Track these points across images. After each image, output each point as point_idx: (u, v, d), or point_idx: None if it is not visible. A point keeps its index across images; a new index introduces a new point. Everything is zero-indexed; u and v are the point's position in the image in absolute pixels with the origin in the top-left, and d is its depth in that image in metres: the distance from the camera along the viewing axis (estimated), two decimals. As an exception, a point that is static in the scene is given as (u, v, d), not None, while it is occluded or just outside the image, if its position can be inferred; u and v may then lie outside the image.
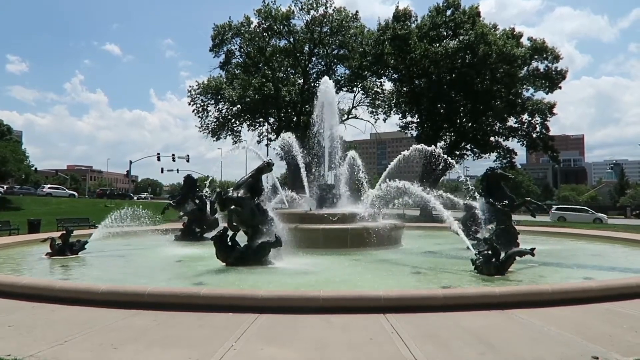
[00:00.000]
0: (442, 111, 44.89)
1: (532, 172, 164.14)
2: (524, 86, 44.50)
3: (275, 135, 50.73)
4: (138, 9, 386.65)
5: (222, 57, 50.05)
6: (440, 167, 40.52)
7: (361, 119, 51.86)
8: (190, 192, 19.27)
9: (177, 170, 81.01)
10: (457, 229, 13.97)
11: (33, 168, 74.05)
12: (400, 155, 17.56)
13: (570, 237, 20.54)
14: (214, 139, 51.03)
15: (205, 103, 50.04)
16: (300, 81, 49.55)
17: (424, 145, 17.52)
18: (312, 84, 47.45)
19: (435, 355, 5.11)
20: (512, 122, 46.03)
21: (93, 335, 5.75)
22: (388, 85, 49.70)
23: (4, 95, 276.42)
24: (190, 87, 50.66)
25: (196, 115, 50.08)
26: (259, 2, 47.91)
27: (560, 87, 44.08)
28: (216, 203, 12.77)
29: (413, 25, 44.15)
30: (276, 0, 48.18)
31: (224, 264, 11.42)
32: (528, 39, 43.97)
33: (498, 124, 45.99)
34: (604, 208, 67.53)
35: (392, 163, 17.67)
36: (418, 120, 47.30)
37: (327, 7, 47.35)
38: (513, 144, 47.98)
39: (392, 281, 10.00)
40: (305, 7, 47.39)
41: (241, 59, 50.91)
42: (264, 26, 48.24)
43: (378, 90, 50.03)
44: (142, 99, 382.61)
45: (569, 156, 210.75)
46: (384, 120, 51.28)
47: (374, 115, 50.59)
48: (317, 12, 47.39)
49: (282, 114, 50.44)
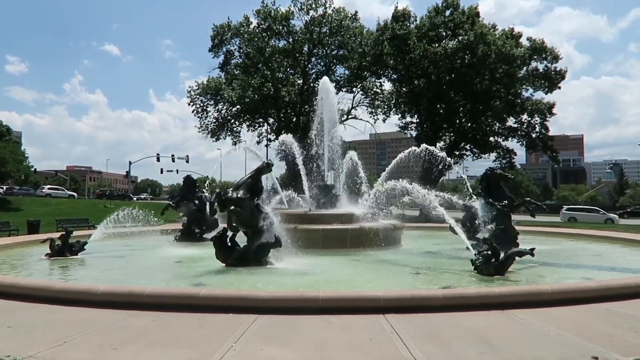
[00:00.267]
0: (442, 111, 44.90)
1: (532, 172, 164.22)
2: (524, 86, 44.53)
3: (274, 136, 50.78)
4: (137, 9, 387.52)
5: (222, 57, 50.16)
6: (440, 168, 40.50)
7: (360, 119, 51.98)
8: (189, 192, 19.26)
9: (177, 170, 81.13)
10: (457, 228, 13.97)
11: (32, 169, 74.00)
12: (398, 157, 17.54)
13: (569, 237, 20.55)
14: (214, 139, 51.14)
15: (204, 103, 50.10)
16: (300, 81, 49.58)
17: (425, 146, 17.48)
18: (312, 84, 47.47)
19: (436, 356, 5.11)
20: (511, 122, 46.10)
21: (92, 336, 5.74)
22: (387, 86, 49.83)
23: (4, 96, 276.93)
24: (189, 87, 50.79)
25: (196, 115, 50.19)
26: (258, 3, 47.97)
27: (559, 87, 44.14)
28: (216, 204, 12.77)
29: (412, 26, 44.17)
30: (275, 0, 48.33)
31: (224, 264, 11.41)
32: (527, 39, 44.05)
33: (497, 124, 46.03)
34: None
35: (392, 164, 17.65)
36: (417, 120, 47.31)
37: (326, 8, 47.43)
38: (512, 144, 48.04)
39: (392, 281, 9.99)
40: (304, 7, 47.46)
41: (240, 60, 50.95)
42: (263, 26, 48.28)
43: (377, 90, 50.07)
44: (141, 99, 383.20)
45: (569, 156, 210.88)
46: (384, 120, 51.41)
47: (374, 116, 50.68)
48: (317, 13, 47.47)
49: (282, 115, 50.46)
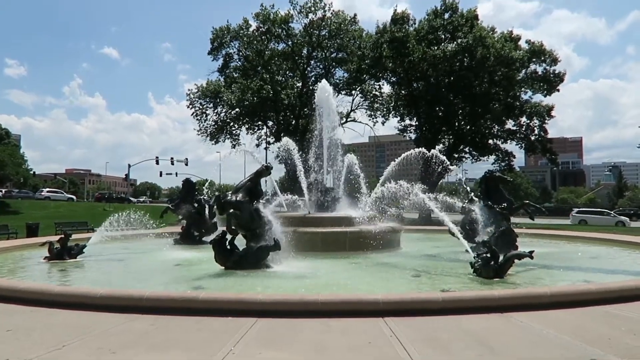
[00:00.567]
0: (441, 114, 44.97)
1: (531, 174, 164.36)
2: (522, 89, 44.63)
3: (274, 139, 50.81)
4: (136, 12, 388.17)
5: (221, 60, 50.17)
6: (439, 170, 40.52)
7: (360, 122, 52.00)
8: (188, 195, 19.26)
9: (176, 173, 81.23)
10: (455, 231, 13.95)
11: (31, 172, 73.93)
12: (397, 160, 17.53)
13: (569, 239, 20.55)
14: (213, 142, 51.14)
15: (204, 106, 50.13)
16: (299, 84, 49.62)
17: (424, 150, 17.50)
18: (311, 87, 47.45)
19: (435, 359, 5.11)
20: (510, 124, 46.20)
21: (91, 340, 5.73)
22: (386, 88, 49.88)
23: (2, 99, 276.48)
24: (189, 90, 50.79)
25: (195, 118, 50.18)
26: (258, 6, 48.04)
27: (558, 90, 44.23)
28: (215, 207, 12.77)
29: (411, 29, 44.24)
30: (274, 4, 48.43)
31: (223, 267, 11.41)
32: (526, 41, 44.13)
33: (496, 127, 46.09)
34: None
35: (390, 167, 17.63)
36: (416, 123, 47.38)
37: (325, 11, 47.50)
38: (511, 146, 48.18)
39: (391, 284, 9.98)
40: (303, 10, 47.51)
41: (240, 63, 50.95)
42: (262, 30, 48.32)
43: (376, 93, 50.11)
44: (140, 102, 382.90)
45: (568, 158, 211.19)
46: (383, 123, 51.48)
47: (373, 119, 50.73)
48: (316, 16, 47.52)
49: (281, 117, 50.48)
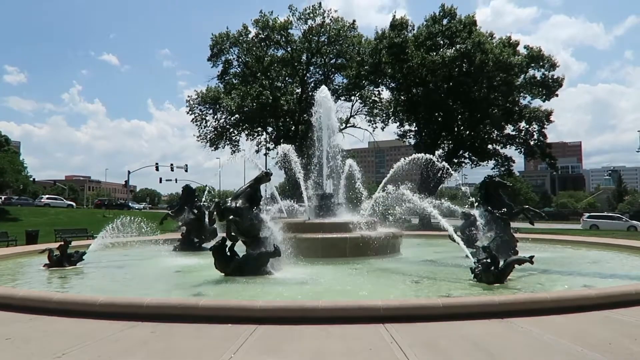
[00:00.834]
0: (440, 119, 44.98)
1: (530, 179, 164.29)
2: (521, 94, 44.63)
3: (273, 145, 50.83)
4: (135, 18, 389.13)
5: (220, 66, 50.26)
6: (439, 175, 40.53)
7: (359, 127, 52.02)
8: (188, 202, 19.25)
9: (176, 179, 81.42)
10: (455, 237, 13.96)
11: (31, 179, 73.87)
12: (396, 165, 17.54)
13: (569, 244, 20.55)
14: (213, 148, 51.12)
15: (203, 112, 50.17)
16: (298, 90, 49.68)
17: (423, 155, 17.51)
18: (310, 93, 47.51)
19: (435, 365, 5.10)
20: (509, 129, 46.15)
21: (91, 348, 5.72)
22: (386, 94, 49.86)
23: (2, 106, 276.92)
24: (188, 96, 50.93)
25: (194, 123, 50.22)
26: (257, 13, 48.26)
27: (557, 95, 44.23)
28: (215, 213, 12.76)
29: (410, 35, 44.36)
30: (273, 10, 48.61)
31: (223, 274, 11.39)
32: (524, 47, 44.18)
33: (495, 132, 46.08)
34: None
35: (391, 172, 17.64)
36: (416, 128, 47.39)
37: (324, 17, 47.63)
38: (511, 151, 48.10)
39: (391, 290, 9.97)
40: (302, 17, 47.70)
41: (239, 69, 51.08)
42: (261, 36, 48.44)
43: (376, 99, 50.14)
44: (140, 108, 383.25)
45: (567, 163, 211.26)
46: (382, 128, 51.45)
47: (372, 124, 50.72)
48: (315, 22, 47.66)
49: (280, 123, 50.54)
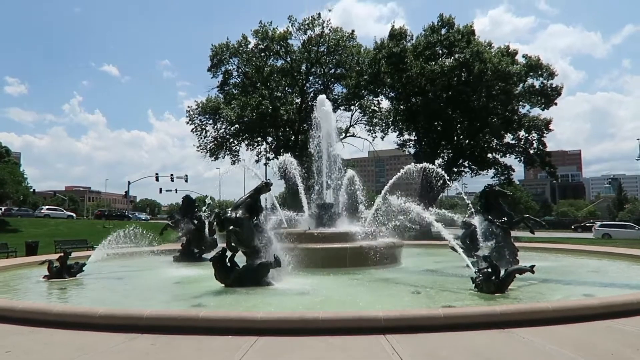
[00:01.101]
0: (439, 128, 45.10)
1: (531, 187, 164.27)
2: (520, 103, 44.79)
3: (273, 155, 50.91)
4: (136, 30, 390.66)
5: (220, 77, 50.49)
6: (439, 184, 40.52)
7: (359, 137, 52.12)
8: (188, 212, 19.22)
9: (176, 190, 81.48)
10: (456, 246, 13.93)
11: (31, 189, 73.92)
12: (396, 176, 17.55)
13: (570, 253, 20.49)
14: (213, 158, 51.19)
15: (203, 123, 50.29)
16: (298, 100, 49.85)
17: (423, 165, 17.52)
18: (310, 102, 47.69)
19: (437, 377, 5.07)
20: (509, 138, 46.29)
21: (91, 360, 5.68)
22: (385, 104, 50.05)
23: (3, 117, 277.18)
24: (188, 107, 51.01)
25: (194, 133, 50.30)
26: (256, 23, 48.52)
27: (555, 104, 44.40)
28: (215, 223, 12.74)
29: (408, 44, 44.60)
30: (273, 21, 48.89)
31: (223, 285, 11.35)
32: (523, 56, 44.39)
33: (495, 141, 46.19)
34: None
35: (391, 181, 17.64)
36: (415, 137, 47.54)
37: (323, 28, 47.93)
38: (510, 160, 48.17)
39: (392, 300, 9.93)
40: (302, 27, 47.98)
41: (239, 79, 51.30)
42: (261, 46, 48.74)
43: (375, 108, 50.29)
44: (140, 119, 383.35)
45: (567, 171, 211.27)
46: (382, 138, 51.62)
47: (372, 134, 50.83)
48: (314, 32, 47.94)
49: (280, 133, 50.65)
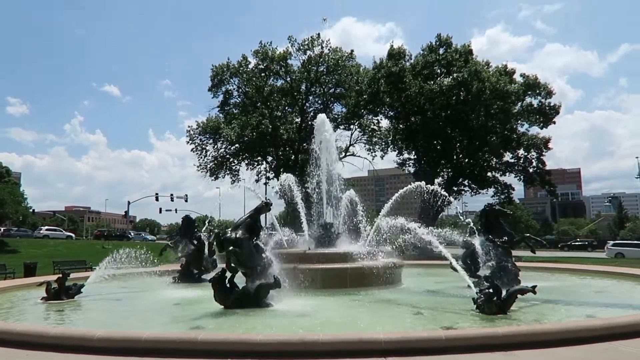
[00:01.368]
0: (439, 147, 45.26)
1: (531, 206, 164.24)
2: (519, 121, 45.01)
3: (273, 174, 50.98)
4: (137, 50, 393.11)
5: (221, 96, 50.80)
6: (439, 204, 40.48)
7: (359, 156, 52.26)
8: (188, 232, 19.15)
9: (176, 210, 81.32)
10: (457, 266, 13.84)
11: (31, 210, 73.87)
12: (396, 195, 17.52)
13: (572, 273, 20.37)
14: (213, 178, 51.21)
15: (203, 142, 50.46)
16: (298, 119, 50.13)
17: (421, 183, 17.49)
18: (310, 122, 47.91)
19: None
20: (508, 157, 46.40)
21: (88, 385, 5.62)
22: (384, 123, 50.25)
23: (4, 137, 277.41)
24: (189, 127, 51.28)
25: (195, 153, 50.43)
26: (256, 43, 49.05)
27: (554, 122, 44.61)
28: (214, 244, 12.69)
29: (407, 64, 45.04)
30: (272, 41, 49.45)
31: (223, 306, 11.26)
32: (521, 75, 44.77)
33: (494, 160, 46.30)
34: (605, 242, 66.70)
35: (391, 201, 17.58)
36: (415, 156, 47.67)
37: (323, 48, 48.41)
38: (510, 178, 48.16)
39: (393, 322, 9.85)
40: (301, 48, 48.47)
41: (239, 99, 51.65)
42: (261, 66, 49.18)
43: (375, 127, 50.47)
44: (140, 139, 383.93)
45: (567, 190, 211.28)
46: (382, 157, 51.67)
47: (372, 153, 50.91)
48: (314, 52, 48.42)
49: (280, 153, 50.80)
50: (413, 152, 47.60)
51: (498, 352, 6.79)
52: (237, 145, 48.45)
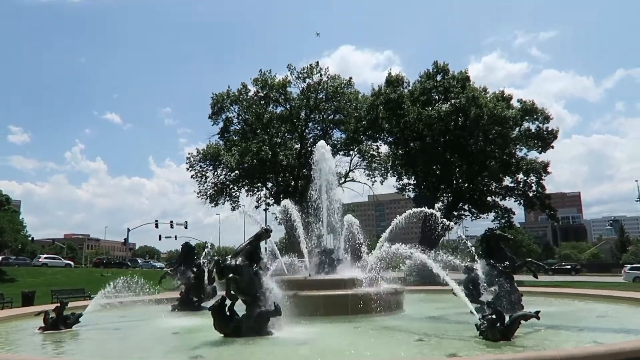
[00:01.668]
0: (438, 172, 45.39)
1: (532, 230, 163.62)
2: (517, 146, 45.30)
3: (273, 200, 50.99)
4: (138, 78, 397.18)
5: (221, 124, 51.26)
6: (439, 229, 40.35)
7: (358, 181, 52.50)
8: (187, 260, 19.02)
9: (175, 236, 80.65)
10: (459, 292, 13.71)
11: (30, 238, 73.56)
12: (395, 221, 17.48)
13: (575, 297, 20.15)
14: (212, 204, 51.22)
15: (203, 169, 50.64)
16: (298, 146, 50.42)
17: (423, 209, 17.49)
18: (309, 148, 48.15)
19: None
20: (507, 181, 46.55)
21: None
22: (384, 148, 50.63)
23: (4, 165, 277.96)
24: (189, 154, 51.50)
25: (195, 179, 50.55)
26: (256, 72, 49.70)
27: (552, 147, 44.86)
28: (214, 271, 12.59)
29: (405, 90, 45.52)
30: (272, 69, 50.15)
31: (222, 335, 11.11)
32: (518, 100, 45.26)
33: (494, 184, 46.39)
34: (609, 265, 66.15)
35: (390, 226, 17.53)
36: (415, 182, 47.77)
37: (321, 75, 49.13)
38: (510, 203, 48.17)
39: (395, 350, 9.70)
40: (301, 75, 49.15)
41: (239, 126, 52.05)
42: (261, 94, 49.77)
43: (374, 153, 50.78)
44: (141, 166, 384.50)
45: (567, 213, 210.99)
46: (381, 182, 51.79)
47: (371, 178, 51.11)
48: (313, 80, 49.06)
49: (280, 179, 50.95)
50: (412, 177, 47.73)
51: (502, 379, 6.67)
52: (237, 171, 48.65)
